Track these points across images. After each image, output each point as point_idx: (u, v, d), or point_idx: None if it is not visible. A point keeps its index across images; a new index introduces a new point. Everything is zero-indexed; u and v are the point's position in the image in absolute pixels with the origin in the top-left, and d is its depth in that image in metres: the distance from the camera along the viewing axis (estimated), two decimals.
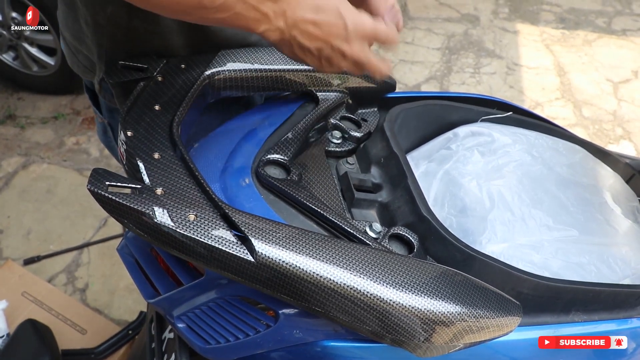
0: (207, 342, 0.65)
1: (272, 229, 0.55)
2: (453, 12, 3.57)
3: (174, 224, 0.53)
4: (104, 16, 0.77)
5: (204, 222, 0.54)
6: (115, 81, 0.73)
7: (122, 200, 0.53)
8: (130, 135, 0.63)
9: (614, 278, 0.80)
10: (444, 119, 0.95)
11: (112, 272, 1.92)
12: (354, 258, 0.56)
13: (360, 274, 0.55)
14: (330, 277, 0.54)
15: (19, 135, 2.46)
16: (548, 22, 3.53)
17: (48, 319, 1.50)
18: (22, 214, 2.11)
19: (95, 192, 0.53)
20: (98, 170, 0.55)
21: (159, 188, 0.56)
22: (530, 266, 0.74)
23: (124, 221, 0.54)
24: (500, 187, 0.82)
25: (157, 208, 0.53)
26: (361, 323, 0.56)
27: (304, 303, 0.55)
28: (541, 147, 0.93)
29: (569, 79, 3.05)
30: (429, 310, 0.55)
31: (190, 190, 0.57)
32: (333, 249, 0.56)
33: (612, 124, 2.77)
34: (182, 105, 0.70)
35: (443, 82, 2.98)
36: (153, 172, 0.58)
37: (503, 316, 0.59)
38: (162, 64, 0.76)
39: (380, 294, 0.54)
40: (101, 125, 1.03)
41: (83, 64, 0.89)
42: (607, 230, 0.87)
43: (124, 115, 0.66)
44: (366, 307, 0.54)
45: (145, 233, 0.54)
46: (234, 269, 0.54)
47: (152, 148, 0.62)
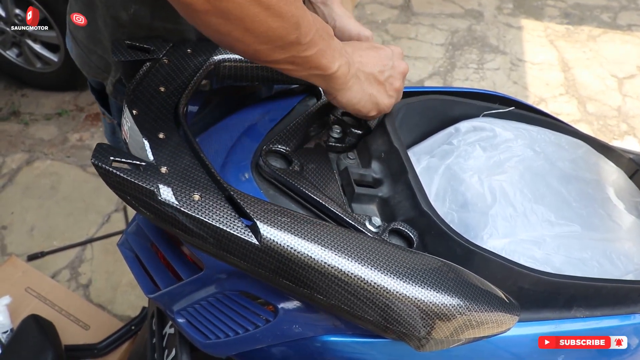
0: (207, 337, 0.65)
1: (278, 213, 0.54)
2: (457, 7, 3.55)
3: (179, 203, 0.52)
4: (127, 16, 0.77)
5: (209, 203, 0.53)
6: (120, 60, 0.72)
7: (127, 176, 0.52)
8: (135, 113, 0.62)
9: (616, 274, 0.80)
10: (445, 114, 0.94)
11: (115, 268, 1.93)
12: (358, 246, 0.55)
13: (364, 263, 0.54)
14: (334, 264, 0.53)
15: (23, 132, 2.46)
16: (552, 18, 3.52)
17: (51, 314, 1.51)
18: (25, 210, 2.12)
19: (100, 166, 0.52)
20: (102, 145, 0.54)
21: (164, 167, 0.55)
22: (532, 261, 0.73)
23: (126, 197, 0.53)
24: (502, 182, 0.81)
25: (161, 186, 0.52)
26: (363, 312, 0.55)
27: (306, 290, 0.54)
28: (543, 142, 0.93)
29: (573, 75, 3.04)
30: (431, 302, 0.55)
31: (195, 171, 0.56)
32: (338, 237, 0.55)
33: (616, 119, 2.76)
34: (187, 89, 0.70)
35: (446, 78, 2.97)
36: (158, 151, 0.57)
37: (502, 312, 0.59)
38: (168, 47, 0.75)
39: (383, 284, 0.54)
40: (110, 126, 1.02)
41: (96, 64, 0.88)
42: (610, 226, 0.87)
43: (129, 94, 0.65)
44: (368, 296, 0.54)
45: (148, 211, 0.53)
46: (238, 252, 0.53)
47: (157, 128, 0.61)
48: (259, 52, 0.57)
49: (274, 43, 0.56)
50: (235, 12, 0.50)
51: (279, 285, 0.55)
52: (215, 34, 0.55)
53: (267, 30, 0.54)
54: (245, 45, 0.56)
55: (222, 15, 0.50)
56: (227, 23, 0.52)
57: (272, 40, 0.55)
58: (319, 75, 0.65)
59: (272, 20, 0.53)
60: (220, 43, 0.59)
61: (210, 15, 0.51)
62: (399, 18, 3.43)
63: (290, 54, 0.59)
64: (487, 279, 0.63)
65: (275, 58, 0.59)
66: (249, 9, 0.51)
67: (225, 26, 0.52)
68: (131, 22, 0.78)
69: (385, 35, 3.27)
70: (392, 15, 3.45)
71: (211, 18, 0.51)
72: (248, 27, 0.52)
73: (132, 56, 0.72)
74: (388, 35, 3.27)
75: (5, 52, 2.53)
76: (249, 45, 0.56)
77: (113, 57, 0.72)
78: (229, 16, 0.51)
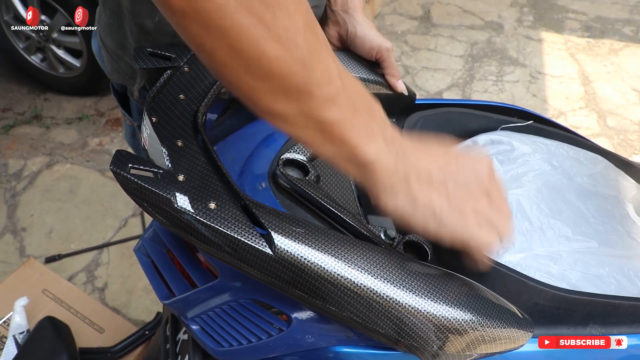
0: (220, 344, 0.65)
1: (293, 224, 0.55)
2: (477, 19, 3.55)
3: (194, 211, 0.52)
4: (152, 23, 0.78)
5: (225, 212, 0.53)
6: (141, 67, 0.73)
7: (144, 184, 0.52)
8: (155, 121, 0.63)
9: (634, 291, 0.78)
10: (463, 126, 0.94)
11: (131, 272, 1.94)
12: (372, 259, 0.55)
13: (377, 275, 0.54)
14: (348, 276, 0.53)
15: (44, 135, 2.51)
16: (573, 31, 3.49)
17: (67, 316, 1.53)
18: (44, 212, 2.15)
19: (118, 172, 0.52)
20: (122, 152, 0.54)
21: (181, 175, 0.55)
22: (548, 277, 0.73)
23: (143, 204, 0.54)
24: (518, 197, 0.81)
25: (178, 194, 0.53)
26: (374, 325, 0.55)
27: (319, 301, 0.54)
28: (561, 157, 0.92)
29: (593, 88, 3.01)
30: (444, 316, 0.54)
31: (212, 179, 0.57)
32: (352, 249, 0.55)
33: (637, 134, 2.72)
34: (206, 97, 0.70)
35: (465, 90, 2.96)
36: (176, 159, 0.58)
37: (515, 329, 0.58)
38: (189, 55, 0.76)
39: (396, 297, 0.54)
40: (130, 128, 1.04)
41: (124, 71, 0.90)
42: (628, 243, 0.86)
43: (149, 101, 0.66)
44: (380, 308, 0.54)
45: (165, 218, 0.53)
46: (252, 261, 0.53)
47: (176, 135, 0.61)
48: (256, 92, 0.44)
49: (274, 82, 0.43)
50: (215, 17, 0.38)
51: (292, 295, 0.55)
52: (198, 50, 0.43)
53: (261, 57, 0.41)
54: (236, 75, 0.43)
55: (201, 20, 0.39)
56: (208, 35, 0.40)
57: (270, 77, 0.42)
58: (350, 160, 0.49)
59: (267, 43, 0.40)
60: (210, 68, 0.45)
61: (189, 19, 0.39)
62: (419, 29, 3.43)
63: (298, 107, 0.45)
64: (502, 294, 0.62)
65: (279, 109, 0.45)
66: (234, 16, 0.39)
67: (207, 39, 0.40)
68: (156, 29, 0.79)
69: (404, 46, 3.27)
70: (411, 26, 3.45)
71: (190, 23, 0.40)
72: (235, 45, 0.40)
73: (154, 64, 0.73)
74: (407, 46, 3.27)
75: (29, 57, 2.59)
76: (239, 76, 0.42)
77: (134, 64, 0.73)
78: (210, 24, 0.39)
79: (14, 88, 2.75)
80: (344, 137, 0.47)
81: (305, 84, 0.43)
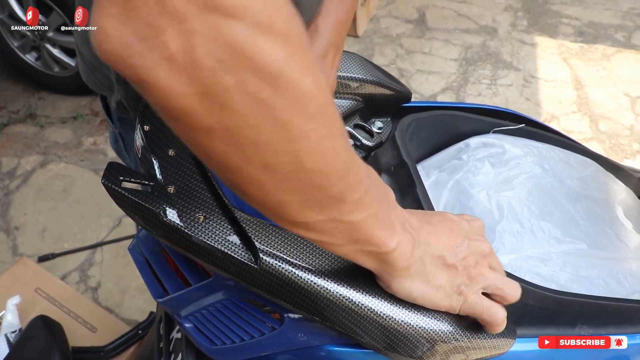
0: (214, 342, 0.65)
1: (280, 237, 0.56)
2: (471, 23, 3.56)
3: (183, 224, 0.53)
4: None
5: (212, 224, 0.54)
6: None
7: (134, 197, 0.53)
8: (147, 129, 0.64)
9: (622, 293, 0.80)
10: (455, 129, 0.95)
11: (125, 272, 1.95)
12: (353, 272, 0.56)
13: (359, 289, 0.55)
14: (332, 290, 0.54)
15: (39, 134, 2.50)
16: (567, 36, 3.52)
17: (60, 315, 1.53)
18: (38, 211, 2.15)
19: (109, 186, 0.54)
20: (113, 164, 0.56)
21: (171, 186, 0.56)
22: (538, 278, 0.74)
23: (134, 217, 0.55)
24: (509, 199, 0.82)
25: (167, 207, 0.54)
26: (356, 335, 0.56)
27: (303, 312, 0.56)
28: (552, 160, 0.93)
29: (586, 93, 3.03)
30: (425, 328, 0.56)
31: (202, 190, 0.58)
32: (335, 262, 0.56)
33: (628, 138, 2.75)
34: None
35: (459, 93, 2.98)
36: (166, 170, 0.59)
37: (497, 338, 0.59)
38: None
39: (378, 309, 0.55)
40: (113, 135, 1.03)
41: (100, 82, 0.89)
42: (617, 245, 0.87)
43: (142, 110, 0.67)
44: (362, 320, 0.55)
45: (154, 230, 0.55)
46: (237, 272, 0.54)
47: (168, 144, 0.62)
48: (285, 205, 0.39)
49: (308, 194, 0.39)
50: (250, 133, 0.33)
51: (278, 303, 0.57)
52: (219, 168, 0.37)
53: (299, 171, 0.37)
54: (264, 192, 0.38)
55: (232, 138, 0.34)
56: (237, 152, 0.35)
57: (306, 191, 0.38)
58: (370, 252, 0.48)
59: (308, 157, 0.36)
60: (230, 185, 0.39)
61: (213, 137, 0.34)
62: (414, 32, 3.45)
63: (328, 215, 0.41)
64: None
65: (306, 219, 0.41)
66: (272, 133, 0.34)
67: (234, 157, 0.35)
68: None
69: (399, 49, 3.28)
70: (406, 29, 3.47)
71: (214, 141, 0.34)
72: (270, 162, 0.35)
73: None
74: (402, 50, 3.28)
75: (24, 55, 2.58)
76: (268, 193, 0.38)
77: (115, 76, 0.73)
78: (241, 141, 0.34)
79: (9, 86, 2.74)
80: (371, 236, 0.45)
81: (342, 192, 0.40)
